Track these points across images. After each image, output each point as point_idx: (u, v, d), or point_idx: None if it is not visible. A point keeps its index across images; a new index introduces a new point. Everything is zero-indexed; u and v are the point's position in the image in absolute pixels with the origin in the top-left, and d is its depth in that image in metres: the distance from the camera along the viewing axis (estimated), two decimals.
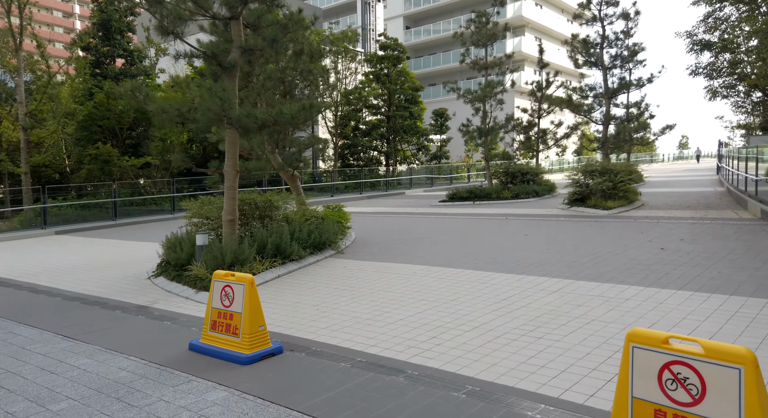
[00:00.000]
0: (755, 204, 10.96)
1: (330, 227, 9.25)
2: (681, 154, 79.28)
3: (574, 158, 48.67)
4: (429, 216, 14.74)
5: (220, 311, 4.36)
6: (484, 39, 19.57)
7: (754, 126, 25.14)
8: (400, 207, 18.69)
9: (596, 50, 15.60)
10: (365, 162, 30.58)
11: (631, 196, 14.69)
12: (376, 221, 14.22)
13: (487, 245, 9.09)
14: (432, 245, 9.50)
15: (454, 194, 19.43)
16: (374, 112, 30.31)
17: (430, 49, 53.37)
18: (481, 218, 13.55)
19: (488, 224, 12.16)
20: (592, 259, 7.42)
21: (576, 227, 10.81)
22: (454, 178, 32.28)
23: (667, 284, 5.78)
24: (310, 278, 7.33)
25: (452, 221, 13.06)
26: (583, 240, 9.03)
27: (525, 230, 10.65)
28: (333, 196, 23.17)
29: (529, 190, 18.44)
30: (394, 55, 28.93)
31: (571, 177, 15.36)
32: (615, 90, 15.33)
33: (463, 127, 19.81)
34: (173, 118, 7.04)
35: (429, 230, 11.64)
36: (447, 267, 7.47)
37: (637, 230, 9.78)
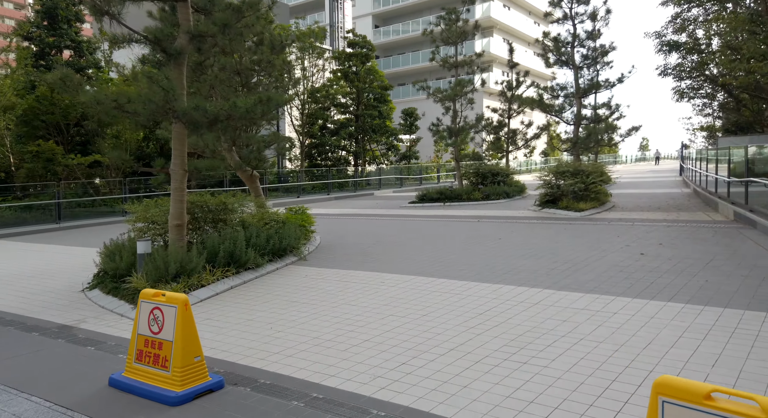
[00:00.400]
0: (727, 206, 10.82)
1: (292, 231, 8.54)
2: (643, 156, 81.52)
3: (541, 159, 49.15)
4: (398, 218, 14.18)
5: (147, 338, 3.63)
6: (454, 37, 19.16)
7: (716, 128, 25.67)
8: (369, 208, 18.07)
9: (567, 49, 15.36)
10: (333, 162, 29.81)
11: (602, 198, 14.50)
12: (343, 223, 13.55)
13: (460, 250, 8.56)
14: (402, 250, 8.91)
15: (424, 195, 18.95)
16: (343, 111, 29.58)
17: (400, 48, 52.98)
18: (453, 220, 13.07)
19: (460, 226, 11.67)
20: (571, 266, 6.97)
21: (550, 230, 10.42)
22: (424, 178, 31.87)
23: (655, 295, 5.35)
24: (268, 288, 6.61)
25: (423, 224, 12.52)
26: (559, 244, 8.61)
27: (498, 234, 10.19)
28: (299, 197, 22.35)
29: (499, 192, 18.11)
30: (362, 52, 28.27)
31: (542, 178, 15.07)
32: (586, 90, 15.13)
33: (433, 126, 19.35)
34: (109, 110, 6.21)
35: (398, 233, 11.06)
36: (418, 276, 6.88)
37: (612, 233, 9.45)
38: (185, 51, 6.60)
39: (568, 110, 15.60)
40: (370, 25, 52.30)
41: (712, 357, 3.72)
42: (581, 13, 15.15)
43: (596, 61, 15.51)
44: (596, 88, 15.05)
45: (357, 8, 52.77)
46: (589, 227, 10.56)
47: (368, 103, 29.03)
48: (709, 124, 27.92)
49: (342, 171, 28.38)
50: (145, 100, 6.10)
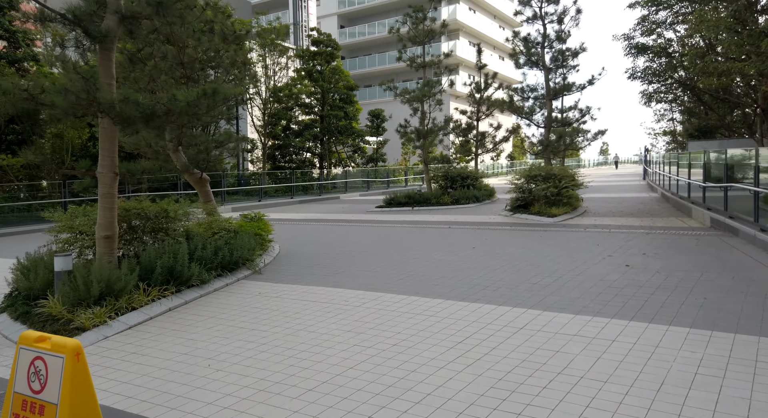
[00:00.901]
0: (703, 212, 10.53)
1: (245, 241, 7.63)
2: (604, 160, 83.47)
3: (507, 163, 49.36)
4: (365, 224, 13.39)
5: (25, 399, 2.71)
6: (421, 36, 18.58)
7: (679, 133, 26.05)
8: (334, 213, 17.21)
9: (537, 50, 14.96)
10: (298, 164, 28.77)
11: (574, 203, 14.13)
12: (306, 229, 12.66)
13: (432, 261, 7.84)
14: (368, 261, 8.13)
15: (391, 199, 18.23)
16: (307, 112, 28.60)
17: (366, 49, 52.30)
18: (422, 226, 12.38)
19: (430, 233, 10.98)
20: (554, 279, 6.34)
21: (526, 237, 9.85)
22: (392, 181, 31.23)
23: (653, 317, 4.74)
24: (212, 310, 5.70)
25: (391, 231, 11.78)
26: (538, 254, 8.01)
27: (472, 242, 9.54)
28: (261, 200, 21.26)
29: (469, 196, 17.58)
30: (327, 51, 27.38)
31: (513, 182, 14.60)
32: (557, 91, 14.76)
33: (400, 128, 18.68)
34: (18, 101, 5.18)
35: (365, 241, 10.27)
36: (386, 293, 6.11)
37: (591, 242, 8.93)
38: (113, 34, 5.63)
39: (538, 113, 15.19)
40: (335, 25, 51.46)
41: (743, 403, 3.09)
42: (551, 13, 14.79)
43: (564, 64, 15.17)
44: (567, 90, 14.70)
45: (322, 8, 51.81)
46: (566, 234, 10.05)
47: (333, 104, 28.15)
48: (671, 128, 28.36)
49: (307, 174, 27.39)
50: (61, 90, 5.11)
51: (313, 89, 27.18)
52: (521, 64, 15.39)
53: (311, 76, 27.12)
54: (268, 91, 24.85)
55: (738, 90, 15.88)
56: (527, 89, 15.33)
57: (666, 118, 27.49)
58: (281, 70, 24.89)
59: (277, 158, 27.76)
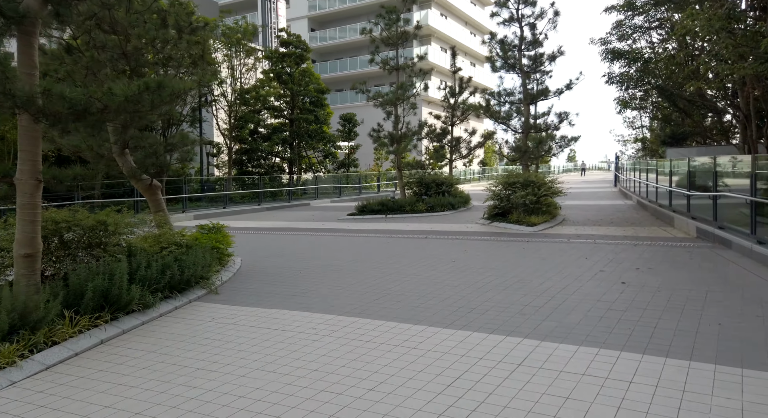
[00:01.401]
0: (687, 222, 10.16)
1: (199, 256, 6.74)
2: (573, 167, 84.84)
3: (479, 169, 49.31)
4: (336, 233, 12.58)
5: None
6: (394, 38, 17.96)
7: (650, 139, 26.23)
8: (304, 221, 16.34)
9: (514, 53, 14.51)
10: (266, 169, 27.70)
11: (553, 211, 13.68)
12: (272, 240, 11.76)
13: (410, 277, 7.11)
14: (339, 277, 7.34)
15: (364, 207, 17.49)
16: (276, 115, 27.59)
17: (338, 53, 51.57)
18: (397, 236, 11.66)
19: (406, 244, 10.26)
20: (547, 300, 5.70)
21: (508, 249, 9.24)
22: (364, 187, 30.48)
23: (669, 349, 4.12)
24: (153, 342, 4.82)
25: (364, 241, 11.01)
26: (524, 269, 7.39)
27: (451, 254, 8.87)
28: (225, 207, 20.17)
29: (444, 203, 16.99)
30: (296, 52, 26.48)
31: (490, 189, 14.06)
32: (534, 96, 14.34)
33: (373, 132, 17.97)
34: None
35: (336, 253, 9.47)
36: (359, 317, 5.35)
37: (578, 255, 8.38)
38: (33, 14, 4.71)
39: (515, 118, 14.74)
40: (306, 28, 50.61)
41: None
42: (528, 15, 14.38)
43: (542, 69, 14.76)
44: (545, 94, 14.29)
45: (292, 10, 50.87)
46: (550, 245, 9.49)
47: (303, 107, 27.24)
48: (642, 136, 28.57)
49: (275, 179, 26.36)
50: None
51: (282, 92, 26.24)
52: (498, 67, 14.93)
53: (280, 78, 26.16)
54: (234, 93, 23.76)
55: (717, 95, 15.87)
56: (504, 93, 14.87)
57: (635, 125, 27.69)
58: (248, 72, 23.86)
59: (245, 163, 26.64)
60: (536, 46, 14.36)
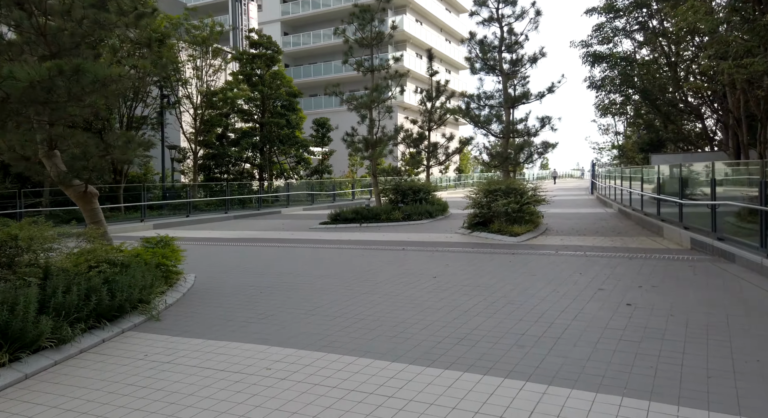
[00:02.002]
0: (679, 232, 9.56)
1: (138, 276, 5.71)
2: (545, 175, 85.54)
3: (455, 176, 48.88)
4: (307, 244, 11.60)
5: None
6: (368, 39, 17.17)
7: (627, 147, 26.10)
8: (273, 231, 15.29)
9: (494, 54, 13.87)
10: (235, 176, 26.48)
11: (535, 220, 13.00)
12: (235, 252, 10.72)
13: (387, 298, 6.22)
14: (306, 297, 6.40)
15: (337, 215, 16.55)
16: (246, 119, 26.42)
17: (311, 58, 50.64)
18: (372, 247, 10.76)
19: (382, 257, 9.37)
20: (546, 327, 4.88)
21: (493, 262, 8.44)
22: (338, 195, 29.49)
23: (710, 399, 3.33)
24: (61, 394, 3.79)
25: (336, 253, 10.08)
26: (514, 287, 6.58)
27: (431, 268, 8.02)
28: (189, 216, 18.92)
29: (422, 211, 16.19)
30: (267, 54, 25.43)
31: (470, 197, 13.32)
32: (516, 99, 13.70)
33: (347, 136, 17.08)
34: None
35: (304, 267, 8.52)
36: (326, 352, 4.43)
37: (571, 269, 7.63)
38: None
39: (495, 122, 14.07)
40: (279, 32, 49.61)
41: None
42: (509, 15, 13.77)
43: (519, 71, 14.15)
44: (526, 98, 13.67)
45: (264, 14, 49.81)
46: (539, 258, 8.73)
47: (275, 111, 26.16)
48: (620, 142, 28.43)
49: (245, 186, 25.15)
50: None
51: (252, 95, 25.11)
52: (477, 69, 14.25)
53: (250, 80, 25.05)
54: (200, 95, 22.53)
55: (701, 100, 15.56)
56: (483, 96, 14.20)
57: (610, 132, 27.54)
58: (215, 73, 22.68)
59: (212, 169, 25.37)
60: (517, 48, 13.75)
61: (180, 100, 21.65)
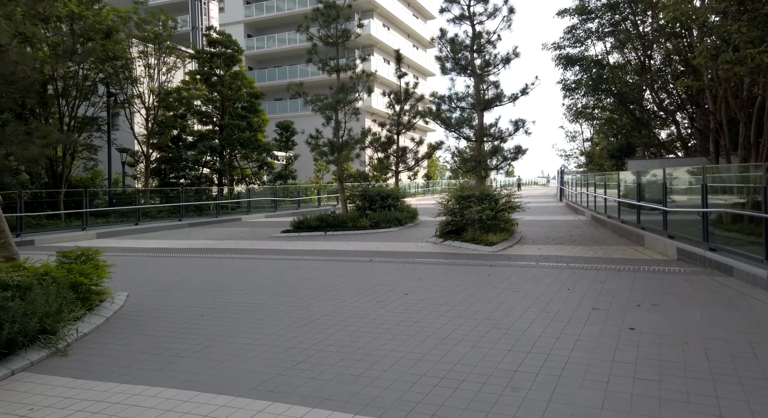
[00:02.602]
0: (664, 241, 9.00)
1: (39, 301, 4.59)
2: (510, 182, 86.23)
3: (424, 182, 48.37)
4: (265, 255, 10.52)
5: None
6: (334, 36, 16.27)
7: (595, 153, 26.01)
8: (230, 240, 14.12)
9: (466, 53, 13.19)
10: (193, 181, 25.01)
11: (510, 228, 12.32)
12: (182, 265, 9.54)
13: (349, 322, 5.28)
14: (255, 322, 5.39)
15: (300, 223, 15.51)
16: (205, 121, 25.01)
17: (276, 61, 49.39)
18: (337, 258, 9.79)
19: (347, 270, 8.42)
20: (541, 360, 4.04)
21: (470, 276, 7.61)
22: (303, 201, 28.33)
23: None
24: None
25: (295, 266, 9.05)
26: (498, 307, 5.75)
27: (402, 283, 7.12)
28: (138, 224, 17.46)
29: (390, 218, 15.32)
30: (227, 53, 24.16)
31: (442, 204, 12.54)
32: (489, 101, 13.03)
33: (311, 139, 16.08)
34: None
35: (258, 283, 7.48)
36: (271, 400, 3.46)
37: (557, 284, 6.88)
38: None
39: (466, 125, 13.36)
40: (242, 33, 48.20)
41: None
42: (481, 13, 13.12)
43: (491, 71, 13.51)
44: (499, 100, 13.02)
45: (227, 15, 48.30)
46: (519, 272, 7.96)
47: (235, 113, 24.86)
48: (587, 149, 28.38)
49: (203, 192, 23.72)
50: None
51: (209, 95, 23.73)
52: (448, 69, 13.53)
53: (208, 80, 23.70)
54: (152, 95, 21.03)
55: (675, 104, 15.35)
56: (455, 98, 13.48)
57: (577, 139, 27.46)
58: (169, 72, 21.23)
59: (167, 174, 23.83)
60: (489, 47, 13.10)
61: (129, 99, 20.14)
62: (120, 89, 19.63)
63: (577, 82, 17.50)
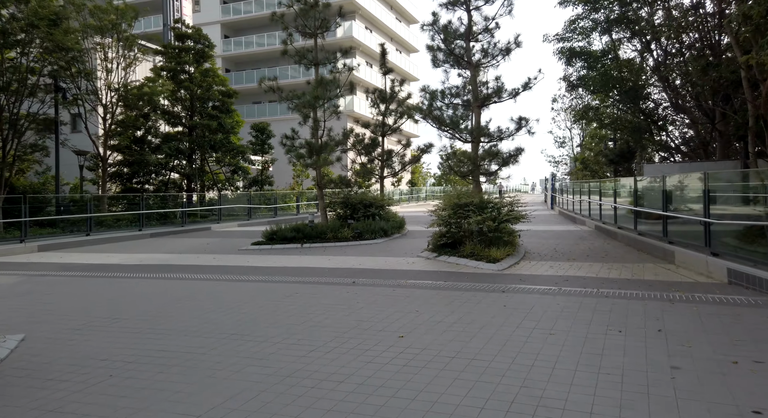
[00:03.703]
0: (707, 260, 7.50)
1: None
2: (494, 189, 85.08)
3: (408, 189, 46.79)
4: (226, 275, 8.72)
5: None
6: (312, 26, 14.63)
7: (589, 159, 24.76)
8: (191, 253, 12.29)
9: (461, 42, 11.65)
10: (159, 186, 22.98)
11: (513, 240, 10.76)
12: (120, 289, 7.68)
13: (324, 391, 3.57)
14: (186, 386, 3.64)
15: (274, 233, 13.76)
16: (173, 122, 23.02)
17: (254, 62, 47.54)
18: (312, 281, 8.05)
19: (324, 297, 6.70)
20: None
21: (481, 308, 5.96)
22: (281, 208, 26.44)
23: None
24: None
25: (261, 291, 7.29)
26: (531, 362, 4.11)
27: (395, 319, 5.44)
28: (89, 234, 15.45)
29: (375, 229, 13.65)
30: (197, 48, 22.29)
31: (436, 213, 10.95)
32: (487, 97, 11.51)
33: (286, 139, 14.37)
34: None
35: (206, 319, 5.71)
36: None
37: (598, 320, 5.27)
38: None
39: (463, 124, 11.79)
40: (219, 34, 46.33)
41: None
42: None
43: (490, 63, 12.00)
44: (498, 95, 11.49)
45: (203, 14, 46.34)
46: (541, 300, 6.35)
47: (205, 113, 22.93)
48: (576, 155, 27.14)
49: (170, 198, 21.70)
50: None
51: (177, 93, 21.76)
52: (440, 61, 11.97)
53: (176, 77, 21.78)
54: (110, 92, 19.00)
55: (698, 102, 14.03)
56: (449, 93, 11.91)
57: (566, 145, 26.27)
58: (130, 66, 19.22)
59: (130, 178, 21.75)
60: (487, 35, 11.59)
61: (83, 95, 18.10)
62: (72, 84, 17.60)
63: (582, 77, 16.07)
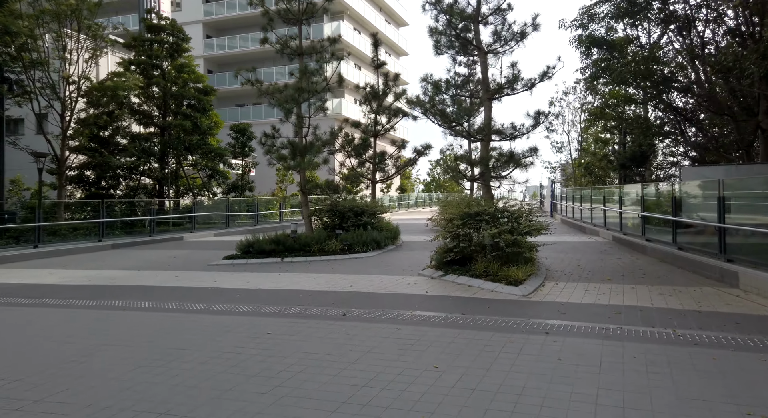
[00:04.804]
0: None
1: None
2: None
3: (397, 195, 45.10)
4: (182, 303, 6.89)
5: None
6: (297, 12, 12.94)
7: (594, 163, 23.40)
8: (151, 270, 10.42)
9: (468, 24, 10.04)
10: (128, 191, 20.97)
11: (532, 255, 9.12)
12: (35, 325, 5.83)
13: None
14: None
15: (250, 245, 11.97)
16: (145, 122, 21.07)
17: (238, 63, 45.57)
18: (292, 311, 6.27)
19: (306, 342, 4.93)
20: None
21: (525, 363, 4.26)
22: (263, 216, 24.52)
23: None
24: None
25: (220, 330, 5.49)
26: None
27: (408, 385, 3.71)
28: (37, 246, 13.45)
29: (367, 240, 11.91)
30: (170, 40, 20.44)
31: (439, 222, 9.27)
32: (499, 87, 9.89)
33: (266, 138, 12.60)
34: None
35: (131, 380, 3.92)
36: None
37: (715, 394, 3.61)
38: None
39: (470, 119, 10.14)
40: (201, 34, 44.48)
41: None
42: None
43: (502, 49, 10.39)
44: (513, 85, 9.87)
45: (184, 14, 44.40)
46: (604, 348, 4.68)
47: (180, 112, 21.03)
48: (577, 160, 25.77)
49: (139, 205, 19.72)
50: None
51: (145, 88, 19.81)
52: (443, 47, 10.34)
53: (146, 72, 19.87)
54: (68, 86, 17.03)
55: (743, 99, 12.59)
56: (454, 84, 10.27)
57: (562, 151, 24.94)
58: (92, 59, 17.27)
59: (95, 183, 19.72)
60: (498, 18, 9.98)
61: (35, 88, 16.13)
62: (25, 76, 15.65)
63: (604, 67, 14.47)
